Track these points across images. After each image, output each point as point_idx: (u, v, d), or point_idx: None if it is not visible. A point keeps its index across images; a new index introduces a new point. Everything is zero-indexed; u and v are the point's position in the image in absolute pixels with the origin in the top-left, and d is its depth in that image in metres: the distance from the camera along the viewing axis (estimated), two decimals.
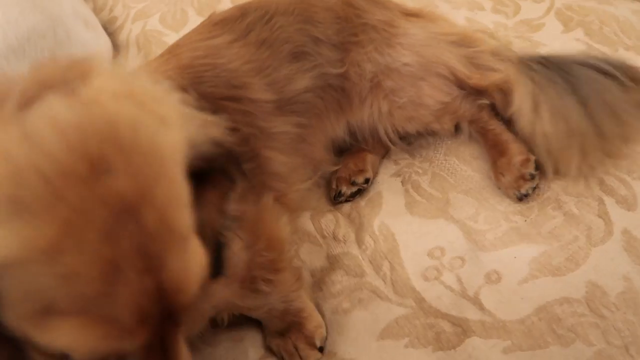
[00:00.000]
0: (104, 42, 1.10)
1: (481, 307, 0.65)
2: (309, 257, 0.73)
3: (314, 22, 0.73)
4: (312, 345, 0.66)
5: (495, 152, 0.76)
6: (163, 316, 0.34)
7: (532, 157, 0.73)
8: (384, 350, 0.64)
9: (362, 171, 0.80)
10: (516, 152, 0.74)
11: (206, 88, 0.62)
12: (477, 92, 0.77)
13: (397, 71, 0.74)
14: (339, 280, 0.70)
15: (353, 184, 0.79)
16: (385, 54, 0.74)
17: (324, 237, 0.75)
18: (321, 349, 0.66)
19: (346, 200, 0.79)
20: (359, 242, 0.73)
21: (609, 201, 0.70)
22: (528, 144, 0.75)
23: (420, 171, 0.79)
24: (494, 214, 0.71)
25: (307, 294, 0.68)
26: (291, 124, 0.69)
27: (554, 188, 0.72)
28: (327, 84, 0.73)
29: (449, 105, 0.77)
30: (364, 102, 0.75)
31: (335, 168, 0.80)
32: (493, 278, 0.67)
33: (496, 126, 0.78)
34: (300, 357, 0.66)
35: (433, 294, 0.67)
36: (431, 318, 0.65)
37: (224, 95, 0.63)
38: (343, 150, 0.82)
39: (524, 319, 0.64)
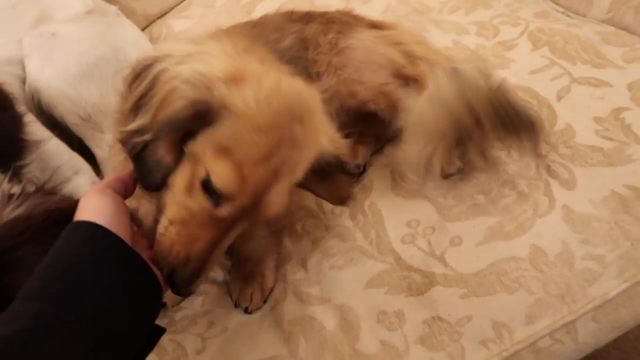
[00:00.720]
0: None
1: (445, 264, 0.81)
2: (313, 228, 0.91)
3: (291, 17, 0.97)
4: (262, 295, 0.87)
5: None
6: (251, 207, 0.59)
7: None
8: (369, 296, 0.81)
9: (353, 160, 0.94)
10: None
11: None
12: (412, 83, 0.91)
13: (344, 51, 0.92)
14: (336, 245, 0.88)
15: None
16: (340, 38, 0.93)
17: (324, 212, 0.93)
18: (265, 301, 0.87)
19: None
20: (352, 217, 0.91)
21: (553, 183, 0.84)
22: None
23: None
24: (460, 193, 0.88)
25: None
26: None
27: (510, 173, 0.87)
28: (302, 42, 0.93)
29: (384, 88, 0.91)
30: (323, 75, 0.93)
31: None
32: (456, 242, 0.83)
33: None
34: (251, 301, 0.86)
35: (408, 254, 0.83)
36: (405, 272, 0.82)
37: None
38: None
39: (477, 272, 0.79)
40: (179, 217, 0.61)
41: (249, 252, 0.86)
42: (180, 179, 0.61)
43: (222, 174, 0.57)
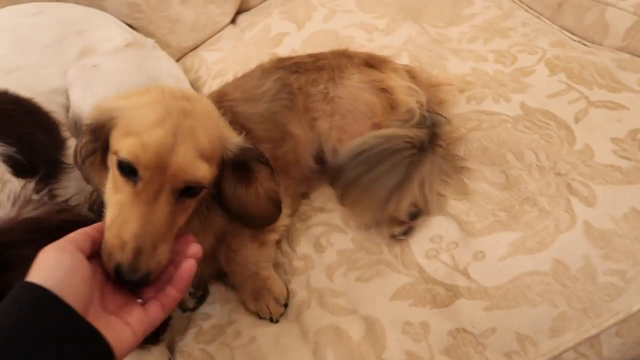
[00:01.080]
0: None
1: (468, 277, 0.83)
2: (337, 241, 0.94)
3: (280, 65, 1.06)
4: (278, 303, 0.89)
5: None
6: (164, 173, 0.66)
7: None
8: (394, 308, 0.83)
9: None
10: None
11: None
12: None
13: (333, 100, 0.99)
14: (362, 258, 0.90)
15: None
16: (330, 87, 1.00)
17: (349, 227, 0.96)
18: (285, 305, 0.90)
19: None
20: (378, 233, 0.94)
21: (574, 200, 0.86)
22: None
23: None
24: (482, 210, 0.90)
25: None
26: (260, 108, 0.99)
27: (532, 191, 0.90)
28: (286, 87, 1.01)
29: None
30: (318, 120, 1.01)
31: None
32: (479, 256, 0.85)
33: None
34: (270, 312, 0.89)
35: (432, 268, 0.85)
36: (430, 284, 0.84)
37: (215, 102, 0.93)
38: None
39: (501, 285, 0.80)
40: (113, 214, 0.66)
41: (240, 271, 0.91)
42: (108, 184, 0.70)
43: (125, 146, 0.66)
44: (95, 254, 0.63)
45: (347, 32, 1.39)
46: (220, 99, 1.00)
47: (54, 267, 0.54)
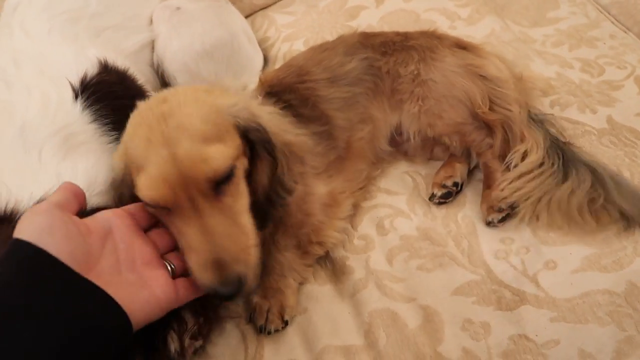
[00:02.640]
0: (259, 55, 1.36)
1: (537, 285, 0.80)
2: (401, 226, 0.91)
3: (367, 43, 1.00)
4: (281, 316, 0.82)
5: (485, 183, 0.93)
6: (184, 183, 0.61)
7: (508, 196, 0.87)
8: (456, 303, 0.80)
9: (451, 177, 0.94)
10: (498, 188, 0.89)
11: (285, 80, 0.95)
12: (487, 127, 0.92)
13: (426, 83, 0.94)
14: (425, 247, 0.87)
15: (443, 186, 0.94)
16: (421, 69, 0.95)
17: (415, 214, 0.93)
18: (286, 323, 0.82)
19: (439, 202, 0.93)
20: (444, 225, 0.91)
21: None
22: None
23: None
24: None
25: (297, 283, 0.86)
26: (343, 90, 0.94)
27: None
28: (372, 69, 0.97)
29: (460, 127, 0.93)
30: (405, 103, 0.96)
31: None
32: (550, 266, 0.82)
33: (495, 165, 0.93)
34: (266, 320, 0.81)
35: (500, 269, 0.82)
36: (496, 286, 0.81)
37: (294, 81, 0.94)
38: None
39: (570, 299, 0.77)
40: (180, 244, 0.66)
41: (272, 264, 0.84)
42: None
43: (139, 191, 0.64)
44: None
45: (428, 16, 1.33)
46: (302, 77, 0.96)
47: (47, 228, 0.54)
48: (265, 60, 1.37)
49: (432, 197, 0.94)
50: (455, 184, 0.94)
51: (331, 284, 0.87)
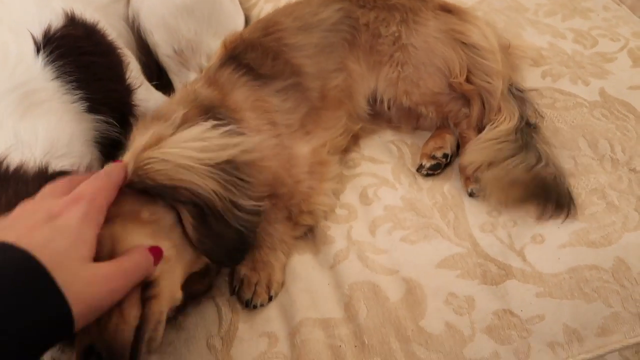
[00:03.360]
0: (240, 15, 1.29)
1: (524, 259, 0.77)
2: (386, 196, 0.87)
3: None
4: (267, 290, 0.77)
5: (462, 153, 0.90)
6: None
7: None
8: (439, 276, 0.77)
9: (441, 148, 0.91)
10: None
11: (249, 37, 0.90)
12: (464, 97, 0.89)
13: (406, 48, 0.89)
14: (410, 218, 0.83)
15: (433, 157, 0.90)
16: (403, 32, 0.90)
17: (400, 183, 0.88)
18: (270, 298, 0.77)
19: (427, 174, 0.89)
20: (430, 196, 0.86)
21: None
22: None
23: None
24: None
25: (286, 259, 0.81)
26: (315, 37, 0.90)
27: (602, 183, 0.83)
28: (349, 20, 0.91)
29: (437, 97, 0.90)
30: (384, 66, 0.91)
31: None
32: (537, 240, 0.78)
33: (470, 134, 0.91)
34: (254, 292, 0.76)
35: (486, 242, 0.79)
36: (481, 259, 0.77)
37: (258, 36, 0.90)
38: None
39: (557, 274, 0.75)
40: None
41: (262, 237, 0.79)
42: None
43: None
44: None
45: None
46: (269, 29, 0.91)
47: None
48: (247, 21, 1.30)
49: (420, 169, 0.90)
50: (445, 156, 0.90)
51: (311, 253, 0.83)
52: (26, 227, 0.51)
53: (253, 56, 0.86)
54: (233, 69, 0.83)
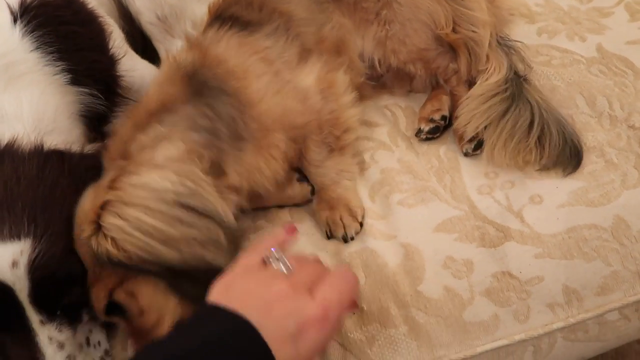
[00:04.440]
0: None
1: (522, 220, 0.74)
2: (382, 159, 0.84)
3: None
4: (354, 217, 0.77)
5: (454, 113, 0.86)
6: None
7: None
8: (437, 240, 0.75)
9: (439, 110, 0.87)
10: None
11: None
12: (451, 51, 0.85)
13: (391, 5, 0.85)
14: (407, 182, 0.80)
15: (431, 120, 0.86)
16: None
17: (397, 146, 0.85)
18: (361, 224, 0.77)
19: (427, 138, 0.86)
20: (426, 161, 0.83)
21: None
22: None
23: None
24: None
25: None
26: None
27: (600, 140, 0.80)
28: None
29: (424, 53, 0.86)
30: (372, 25, 0.87)
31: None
32: (536, 200, 0.76)
33: (461, 91, 0.87)
34: (344, 226, 0.76)
35: (484, 204, 0.76)
36: (479, 222, 0.75)
37: None
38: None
39: (556, 234, 0.73)
40: None
41: (321, 180, 0.80)
42: None
43: None
44: None
45: None
46: None
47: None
48: None
49: (419, 133, 0.87)
50: (444, 118, 0.87)
51: (310, 221, 0.80)
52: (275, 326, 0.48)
53: (237, 8, 0.82)
54: (218, 28, 0.79)
